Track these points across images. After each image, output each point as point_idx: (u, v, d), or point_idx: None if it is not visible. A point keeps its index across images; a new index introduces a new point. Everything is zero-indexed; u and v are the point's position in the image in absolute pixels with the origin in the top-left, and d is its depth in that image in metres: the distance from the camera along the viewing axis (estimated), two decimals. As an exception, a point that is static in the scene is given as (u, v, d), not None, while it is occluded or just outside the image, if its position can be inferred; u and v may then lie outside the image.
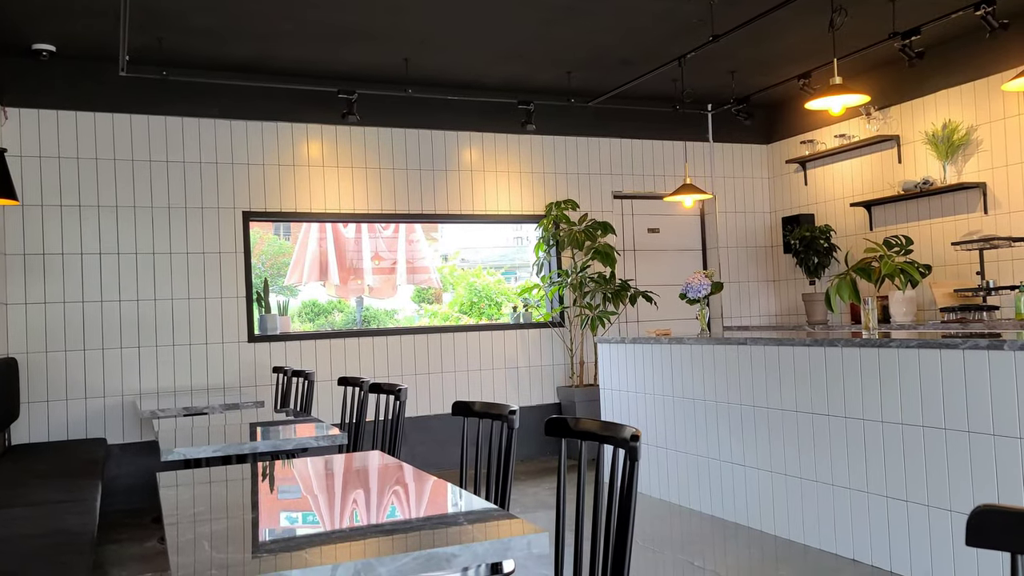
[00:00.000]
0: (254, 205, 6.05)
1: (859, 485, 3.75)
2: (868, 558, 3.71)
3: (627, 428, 1.85)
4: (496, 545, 1.57)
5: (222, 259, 5.93)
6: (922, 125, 6.34)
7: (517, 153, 6.92)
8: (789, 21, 5.42)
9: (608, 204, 7.25)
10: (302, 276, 7.95)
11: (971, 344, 3.23)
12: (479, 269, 8.85)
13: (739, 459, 4.49)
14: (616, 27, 5.47)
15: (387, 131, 6.48)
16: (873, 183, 6.80)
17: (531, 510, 5.06)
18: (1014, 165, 5.71)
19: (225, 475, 2.40)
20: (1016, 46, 5.52)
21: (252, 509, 1.97)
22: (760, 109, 7.62)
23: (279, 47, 5.57)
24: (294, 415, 4.73)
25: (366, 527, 1.77)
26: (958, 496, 3.31)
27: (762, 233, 7.87)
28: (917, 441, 3.47)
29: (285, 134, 6.17)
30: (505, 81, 6.57)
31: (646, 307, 7.31)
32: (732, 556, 4.01)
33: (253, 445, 3.06)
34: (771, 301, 7.85)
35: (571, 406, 6.66)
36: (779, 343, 4.19)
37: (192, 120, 5.90)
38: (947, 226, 6.21)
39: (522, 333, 6.86)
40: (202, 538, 1.68)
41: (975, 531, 1.10)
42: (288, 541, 1.70)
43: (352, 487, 2.22)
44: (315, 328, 8.14)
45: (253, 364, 5.96)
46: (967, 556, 3.27)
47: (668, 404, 5.06)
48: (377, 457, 2.57)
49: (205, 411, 4.53)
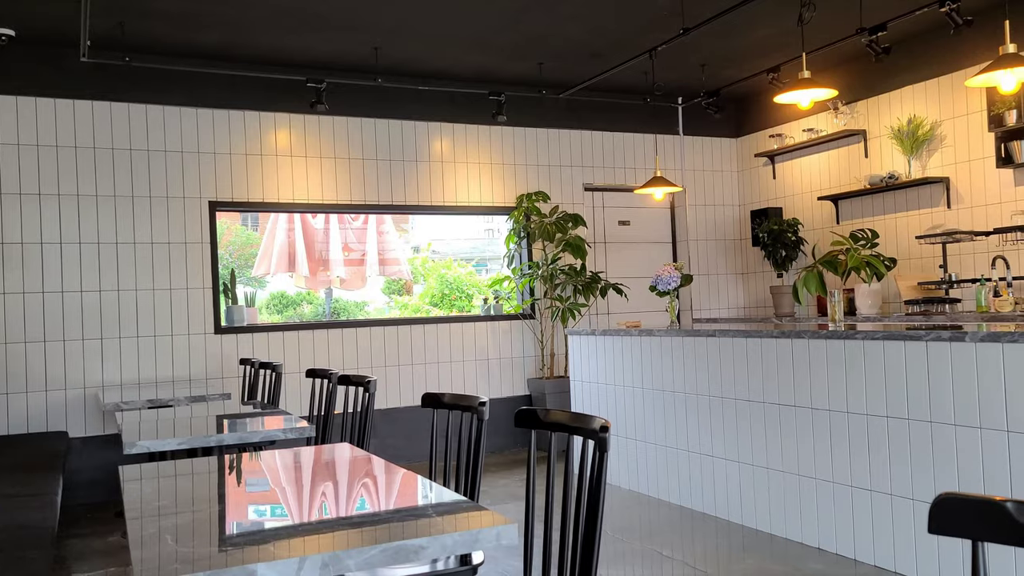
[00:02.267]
0: (221, 195, 5.96)
1: (824, 475, 3.80)
2: (833, 546, 3.76)
3: (596, 419, 1.85)
4: (465, 537, 1.56)
5: (188, 249, 5.84)
6: (888, 120, 6.42)
7: (488, 144, 6.90)
8: (758, 15, 5.45)
9: (579, 196, 7.26)
10: (270, 267, 7.86)
11: (934, 336, 3.28)
12: (450, 261, 8.82)
13: (707, 450, 4.53)
14: (587, 19, 5.46)
15: (357, 121, 6.42)
16: (840, 177, 6.88)
17: (501, 501, 5.06)
18: (976, 160, 5.81)
19: (191, 468, 2.37)
20: (979, 43, 5.61)
21: (218, 502, 1.95)
22: (730, 102, 7.67)
23: (246, 34, 5.49)
24: (261, 407, 4.68)
25: (334, 520, 1.76)
26: (921, 485, 3.36)
27: (731, 226, 7.93)
28: (881, 431, 3.52)
29: (253, 123, 6.09)
30: (476, 72, 6.53)
31: (616, 299, 7.33)
32: (700, 545, 4.05)
33: (219, 438, 3.02)
34: (740, 293, 7.92)
35: (541, 398, 6.67)
36: (747, 335, 4.22)
37: (156, 108, 5.79)
38: (912, 220, 6.31)
39: (493, 325, 6.85)
40: (165, 532, 1.65)
41: (936, 519, 1.11)
42: (254, 534, 1.67)
43: (320, 480, 2.20)
44: (283, 320, 8.06)
45: (220, 356, 5.89)
46: (929, 544, 3.33)
47: (638, 396, 5.09)
48: (346, 449, 2.55)
49: (170, 403, 4.46)
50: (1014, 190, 5.60)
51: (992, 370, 3.07)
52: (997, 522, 1.06)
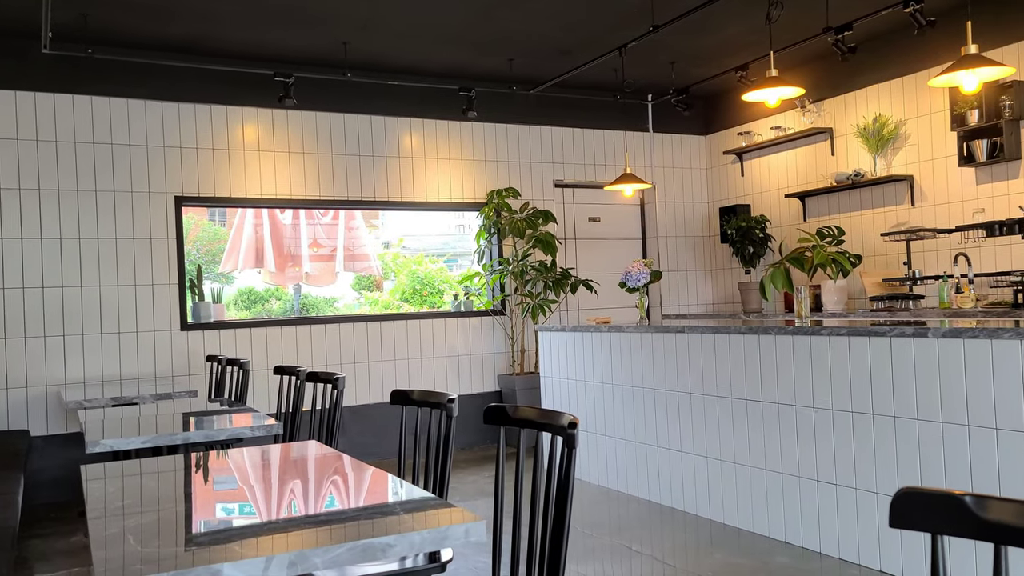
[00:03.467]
0: (187, 190, 5.88)
1: (791, 469, 3.85)
2: (799, 540, 3.81)
3: (565, 415, 1.85)
4: (433, 534, 1.56)
5: (153, 245, 5.75)
6: (854, 118, 6.51)
7: (459, 140, 6.88)
8: (727, 13, 5.49)
9: (549, 193, 7.27)
10: (237, 263, 7.77)
11: (898, 332, 3.33)
12: (421, 257, 8.78)
13: (676, 445, 4.56)
14: (558, 15, 5.47)
15: (325, 116, 6.37)
16: (807, 175, 6.96)
17: (471, 498, 5.06)
18: (939, 159, 5.91)
19: (156, 467, 2.33)
20: (942, 43, 5.70)
21: (183, 501, 1.92)
22: (699, 100, 7.72)
23: (214, 27, 5.41)
24: (228, 405, 4.63)
25: (301, 518, 1.74)
26: (884, 479, 3.42)
27: (700, 223, 7.99)
28: (846, 426, 3.57)
29: (219, 117, 6.01)
30: (446, 67, 6.51)
31: (587, 295, 7.36)
32: (668, 540, 4.08)
33: (185, 436, 2.98)
34: (708, 289, 7.99)
35: (512, 394, 6.67)
36: (715, 331, 4.26)
37: (120, 101, 5.69)
38: (877, 217, 6.40)
39: (463, 321, 6.84)
40: (128, 531, 1.62)
41: (897, 513, 1.13)
42: (220, 534, 1.65)
43: (288, 478, 2.18)
44: (251, 316, 7.97)
45: (186, 353, 5.81)
46: (892, 537, 3.39)
47: (607, 391, 5.11)
48: (314, 447, 2.53)
49: (135, 401, 4.40)
50: (975, 188, 5.70)
51: (953, 366, 3.13)
52: (956, 516, 1.08)
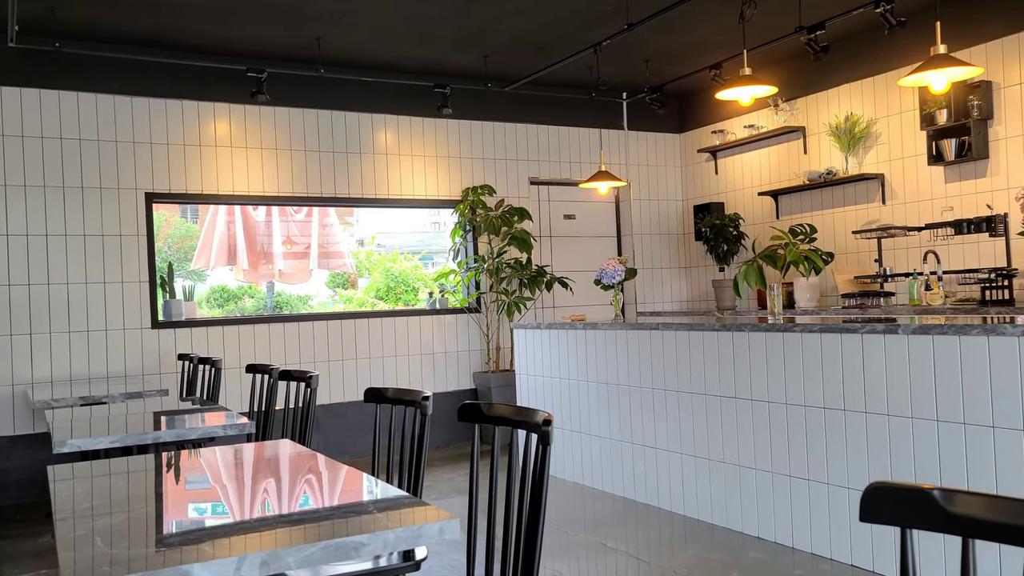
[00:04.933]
0: (158, 186, 5.80)
1: (764, 465, 3.88)
2: (772, 535, 3.85)
3: (539, 413, 1.85)
4: (407, 533, 1.55)
5: (123, 242, 5.67)
6: (826, 117, 6.57)
7: (433, 137, 6.85)
8: (701, 12, 5.51)
9: (524, 190, 7.26)
10: (209, 260, 7.69)
11: (869, 329, 3.37)
12: (396, 254, 8.75)
13: (651, 441, 4.58)
14: (533, 12, 5.46)
15: (299, 112, 6.32)
16: (780, 173, 7.02)
17: (446, 496, 5.05)
18: (909, 158, 5.98)
19: (125, 467, 2.30)
20: (912, 43, 5.77)
21: (154, 501, 1.89)
22: (673, 98, 7.76)
23: (185, 21, 5.34)
24: (200, 404, 4.58)
25: (273, 517, 1.72)
26: (855, 474, 3.45)
27: (675, 220, 8.03)
28: (819, 422, 3.61)
29: (191, 113, 5.94)
30: (421, 64, 6.48)
31: (562, 293, 7.37)
32: (643, 536, 4.09)
33: (156, 435, 2.95)
34: (683, 287, 8.03)
35: (487, 392, 6.67)
36: (689, 328, 4.28)
37: (89, 96, 5.61)
38: (848, 215, 6.47)
39: (438, 319, 6.82)
40: (96, 533, 1.60)
41: (867, 508, 1.14)
42: (191, 534, 1.63)
43: (260, 477, 2.16)
44: (224, 314, 7.89)
45: (157, 351, 5.74)
46: (863, 531, 3.42)
47: (582, 389, 5.12)
48: (287, 446, 2.51)
49: (104, 400, 4.33)
50: (944, 187, 5.78)
51: (923, 362, 3.17)
52: (924, 510, 1.09)
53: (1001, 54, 5.41)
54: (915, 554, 1.14)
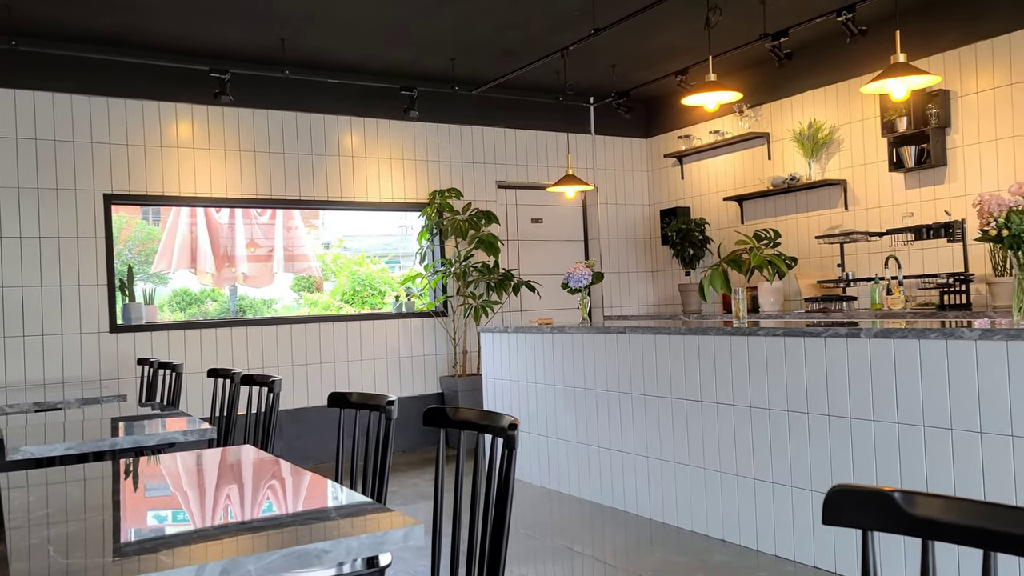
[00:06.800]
0: (117, 187, 5.70)
1: (729, 468, 3.91)
2: (736, 538, 3.87)
3: (505, 417, 1.84)
4: (370, 539, 1.53)
5: (80, 244, 5.55)
6: (790, 123, 6.66)
7: (400, 140, 6.82)
8: (667, 18, 5.56)
9: (492, 193, 7.25)
10: (171, 263, 7.56)
11: (831, 333, 3.41)
12: (362, 257, 8.68)
13: (617, 445, 4.59)
14: (500, 15, 5.46)
15: (263, 113, 6.24)
16: (744, 178, 7.09)
17: (412, 501, 5.01)
18: (871, 164, 6.08)
19: (82, 474, 2.24)
20: (874, 51, 5.87)
21: (111, 510, 1.85)
22: (640, 103, 7.80)
23: (147, 19, 5.25)
24: (160, 409, 4.49)
25: (234, 525, 1.69)
26: (818, 476, 3.49)
27: (641, 225, 8.07)
28: (782, 425, 3.64)
29: (152, 113, 5.84)
30: (388, 66, 6.45)
31: (529, 296, 7.37)
32: (609, 540, 4.10)
33: (113, 441, 2.88)
34: (649, 291, 8.08)
35: (454, 396, 6.64)
36: (656, 332, 4.30)
37: (45, 95, 5.48)
38: (811, 220, 6.56)
39: (405, 322, 6.78)
40: (51, 542, 1.55)
41: (830, 510, 1.14)
42: (148, 542, 1.59)
43: (221, 483, 2.12)
44: (187, 318, 7.77)
45: (115, 356, 5.62)
46: (826, 533, 3.46)
47: (549, 392, 5.12)
48: (249, 452, 2.47)
49: (59, 406, 4.23)
50: (904, 193, 5.88)
51: (884, 365, 3.21)
52: (886, 512, 1.10)
53: (958, 64, 5.52)
54: (876, 556, 1.14)
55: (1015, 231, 2.88)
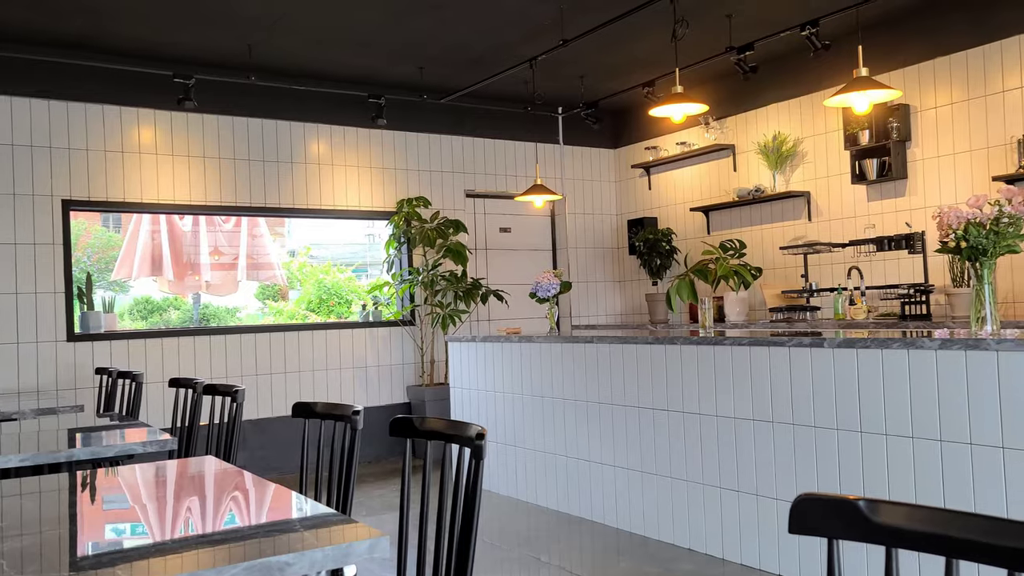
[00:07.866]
0: (76, 193, 5.59)
1: (695, 477, 3.92)
2: (703, 547, 3.89)
3: (472, 427, 1.82)
4: (335, 551, 1.50)
5: (37, 251, 5.43)
6: (755, 136, 6.74)
7: (368, 148, 6.78)
8: (635, 30, 5.60)
9: (460, 202, 7.24)
10: (132, 271, 7.43)
11: (796, 342, 3.45)
12: (329, 266, 8.61)
13: (584, 454, 4.59)
14: (469, 24, 5.46)
15: (228, 119, 6.17)
16: (711, 189, 7.16)
17: (378, 512, 4.96)
18: (834, 176, 6.18)
19: (37, 486, 2.18)
20: (837, 65, 5.97)
21: (67, 523, 1.80)
22: (608, 114, 7.85)
23: (109, 23, 5.17)
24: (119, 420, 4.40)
25: (195, 538, 1.65)
26: (784, 485, 3.52)
27: (609, 235, 8.11)
28: (748, 434, 3.67)
29: (113, 118, 5.74)
30: (356, 74, 6.41)
31: (497, 306, 7.36)
32: (576, 550, 4.09)
33: (70, 452, 2.81)
34: (617, 300, 8.11)
35: (421, 405, 6.60)
36: (623, 341, 4.31)
37: (3, 98, 5.37)
38: (776, 231, 6.64)
39: (372, 332, 6.73)
40: (3, 556, 1.50)
41: (796, 519, 1.15)
42: (105, 556, 1.55)
43: (182, 495, 2.07)
44: (148, 326, 7.63)
45: (73, 365, 5.50)
46: (792, 541, 3.49)
47: (517, 402, 5.11)
48: (211, 463, 2.42)
49: (13, 417, 4.12)
50: (867, 205, 5.98)
51: (847, 375, 3.25)
52: (850, 520, 1.10)
53: (918, 79, 5.64)
54: (841, 564, 1.15)
55: (973, 243, 2.94)
